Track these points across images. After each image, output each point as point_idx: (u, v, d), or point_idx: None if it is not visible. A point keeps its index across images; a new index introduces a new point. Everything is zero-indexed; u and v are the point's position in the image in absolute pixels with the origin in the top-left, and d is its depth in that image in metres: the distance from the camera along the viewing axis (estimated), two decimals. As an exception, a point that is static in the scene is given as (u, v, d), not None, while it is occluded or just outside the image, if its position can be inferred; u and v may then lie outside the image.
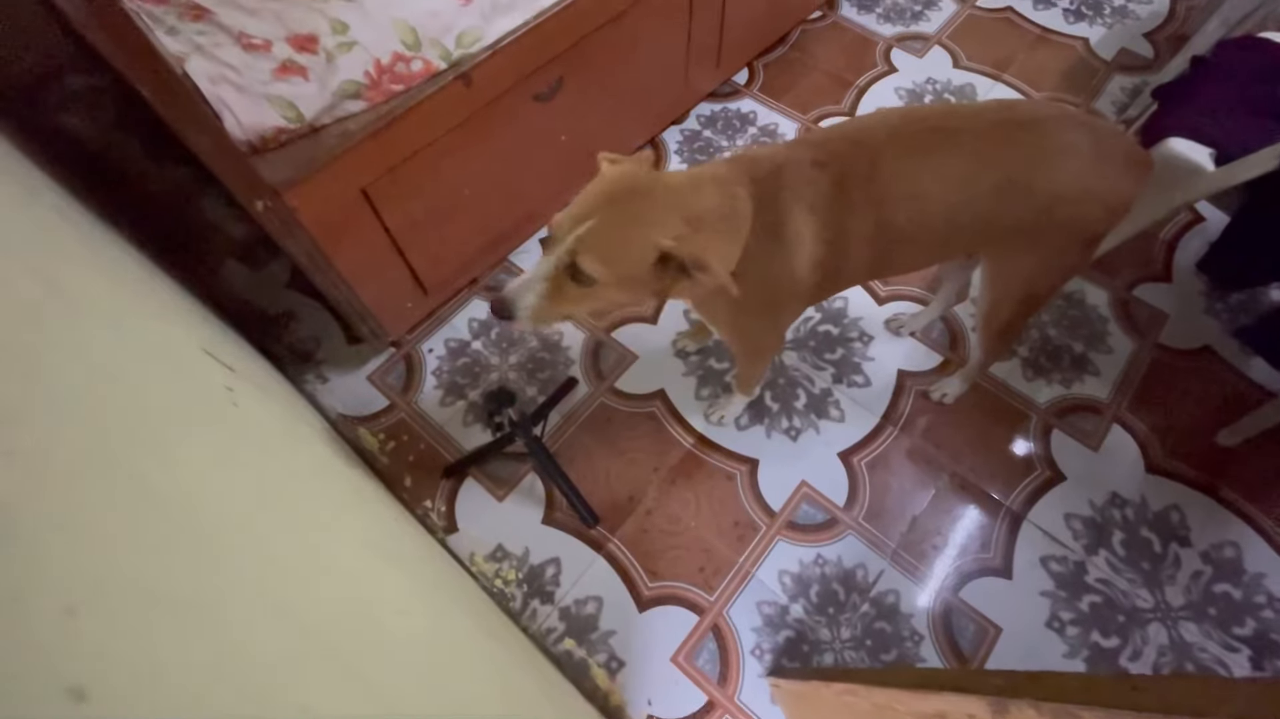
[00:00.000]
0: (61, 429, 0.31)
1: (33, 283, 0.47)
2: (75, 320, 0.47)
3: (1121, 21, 2.12)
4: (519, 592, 1.32)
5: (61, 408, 0.33)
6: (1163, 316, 1.58)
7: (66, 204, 0.84)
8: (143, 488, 0.34)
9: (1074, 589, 1.28)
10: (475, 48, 1.20)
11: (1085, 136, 0.92)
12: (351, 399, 1.54)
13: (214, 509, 0.41)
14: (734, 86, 2.02)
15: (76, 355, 0.39)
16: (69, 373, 0.37)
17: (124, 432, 0.37)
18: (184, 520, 0.36)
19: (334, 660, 0.39)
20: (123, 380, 0.44)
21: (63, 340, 0.40)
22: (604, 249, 0.82)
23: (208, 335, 0.98)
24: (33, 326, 0.38)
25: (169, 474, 0.38)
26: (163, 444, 0.41)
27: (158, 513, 0.34)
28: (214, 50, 1.05)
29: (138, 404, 0.43)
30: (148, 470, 0.36)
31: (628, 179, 0.86)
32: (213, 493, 0.43)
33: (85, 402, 0.36)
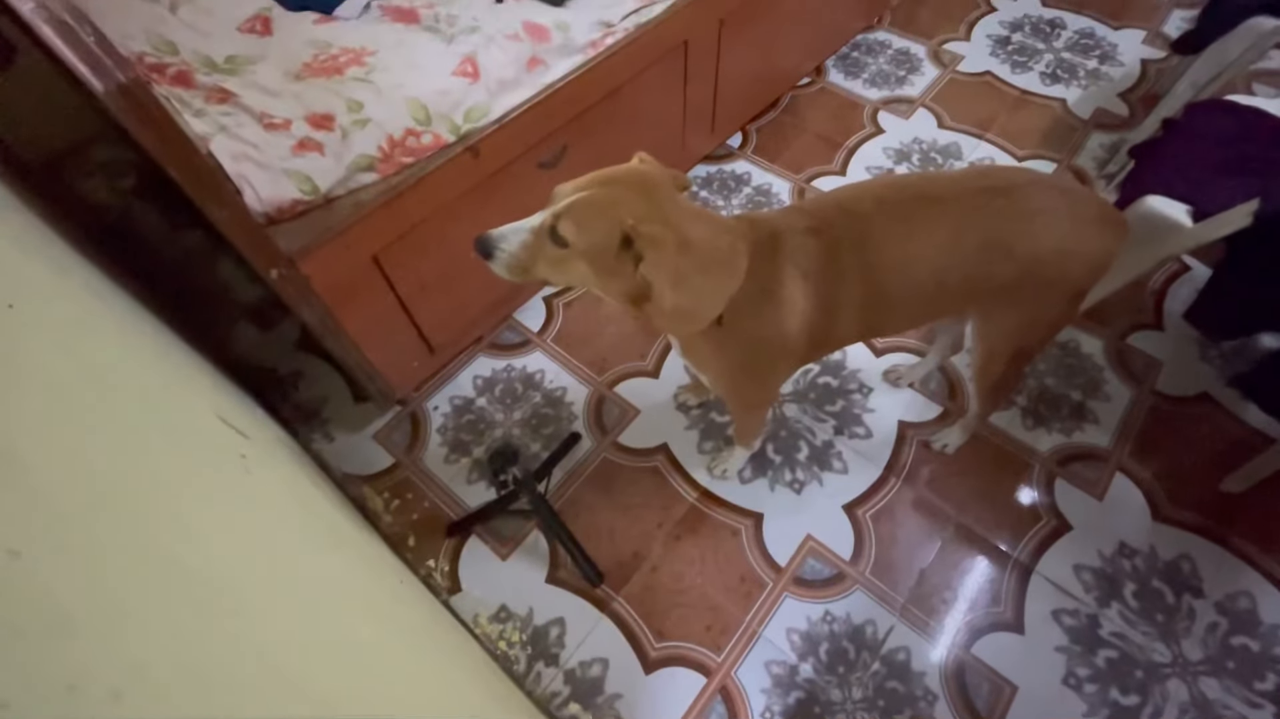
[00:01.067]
0: (101, 518, 0.33)
1: (66, 362, 0.50)
2: (108, 399, 0.49)
3: (1096, 83, 2.23)
4: (523, 654, 1.29)
5: (100, 495, 0.34)
6: (1158, 364, 1.61)
7: (94, 278, 0.88)
8: (175, 569, 0.36)
9: (1089, 643, 1.26)
10: (483, 122, 1.27)
11: (1059, 200, 0.96)
12: (357, 458, 1.55)
13: (239, 584, 0.42)
14: (729, 149, 2.11)
15: (111, 436, 0.42)
16: (104, 456, 0.39)
17: (155, 513, 0.39)
18: (211, 598, 0.37)
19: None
20: (150, 456, 0.46)
21: (98, 423, 0.42)
22: (582, 218, 0.85)
23: (221, 401, 1.01)
24: (71, 411, 0.40)
25: (197, 552, 0.39)
26: (190, 523, 0.43)
27: (189, 592, 0.35)
28: (237, 130, 1.12)
29: (165, 481, 0.45)
30: (179, 551, 0.37)
31: (640, 174, 0.90)
32: (236, 567, 0.44)
33: (119, 485, 0.38)
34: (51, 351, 0.48)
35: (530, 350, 1.70)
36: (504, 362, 1.68)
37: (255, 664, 0.36)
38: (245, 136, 1.11)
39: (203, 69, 1.20)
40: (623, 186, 0.87)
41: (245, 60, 1.23)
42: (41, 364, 0.45)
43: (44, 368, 0.44)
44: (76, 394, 0.43)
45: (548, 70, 1.33)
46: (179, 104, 1.13)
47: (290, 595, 0.50)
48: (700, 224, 0.91)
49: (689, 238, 0.87)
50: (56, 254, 0.87)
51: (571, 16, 1.36)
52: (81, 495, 0.32)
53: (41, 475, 0.31)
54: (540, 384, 1.64)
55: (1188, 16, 2.39)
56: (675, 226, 0.87)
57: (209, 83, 1.18)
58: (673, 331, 1.07)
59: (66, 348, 0.52)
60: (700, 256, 0.89)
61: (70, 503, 0.31)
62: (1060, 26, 2.43)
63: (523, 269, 0.92)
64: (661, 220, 0.86)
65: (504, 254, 0.90)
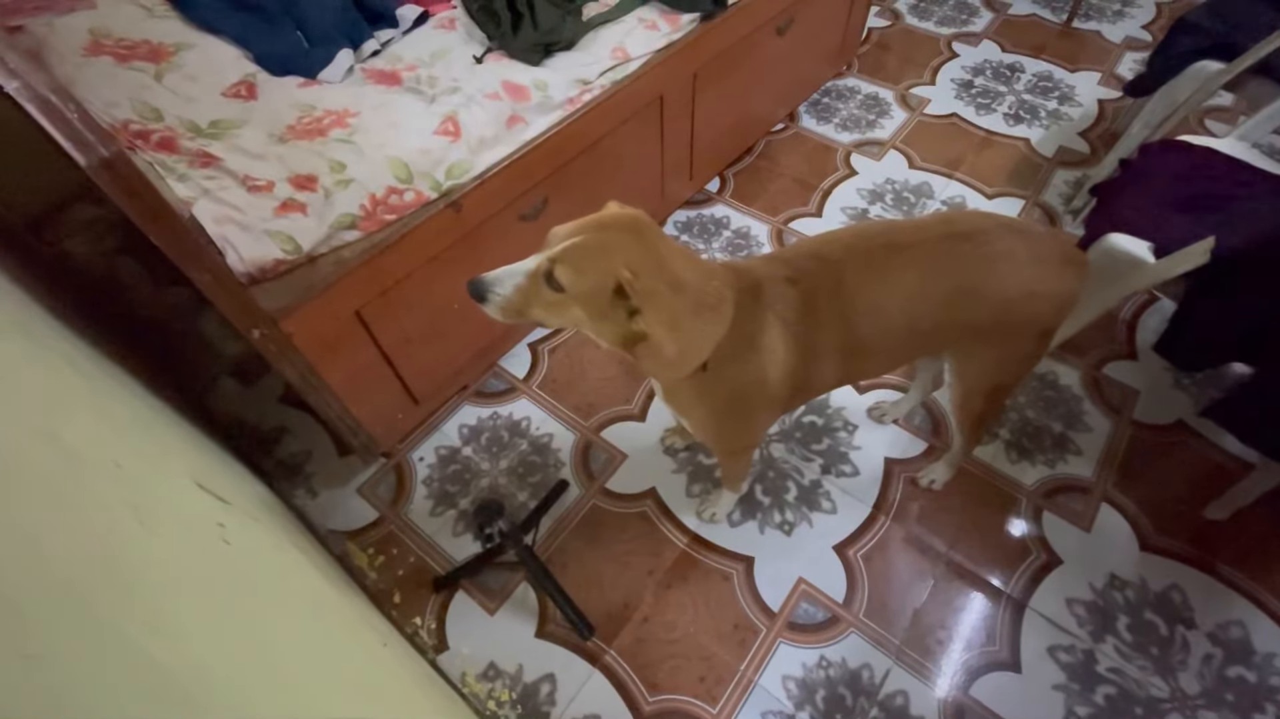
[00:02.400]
0: (71, 620, 0.32)
1: (40, 446, 0.49)
2: (77, 479, 0.48)
3: (1057, 123, 2.33)
4: (514, 713, 1.26)
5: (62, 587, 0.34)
6: (1134, 393, 1.63)
7: (72, 348, 0.88)
8: (153, 669, 0.35)
9: (1086, 681, 1.25)
10: (464, 178, 1.29)
11: (1021, 242, 1.00)
12: (341, 513, 1.52)
13: (208, 671, 0.41)
14: (707, 194, 2.16)
15: (77, 521, 0.41)
16: (67, 544, 0.38)
17: (128, 609, 0.38)
18: (178, 689, 0.36)
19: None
20: (121, 540, 0.45)
21: (67, 507, 0.41)
22: (578, 263, 0.86)
23: (200, 465, 0.99)
24: (34, 494, 0.40)
25: (171, 647, 0.39)
26: (163, 613, 0.42)
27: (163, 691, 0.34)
28: (220, 193, 1.13)
29: (136, 568, 0.44)
30: (155, 650, 0.36)
31: (631, 220, 0.90)
32: (206, 652, 0.43)
33: (84, 575, 0.37)
34: (18, 430, 0.48)
35: (516, 397, 1.70)
36: (490, 409, 1.68)
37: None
38: (228, 199, 1.13)
39: (187, 134, 1.22)
40: (617, 231, 0.89)
41: (230, 124, 1.25)
42: (13, 447, 0.45)
43: (9, 448, 0.44)
44: (43, 474, 0.43)
45: (527, 127, 1.37)
46: (163, 169, 1.14)
47: (269, 680, 0.49)
48: (691, 269, 0.92)
49: (682, 281, 0.89)
50: (33, 324, 0.86)
51: (549, 75, 1.41)
52: (39, 590, 0.32)
53: (7, 575, 0.30)
54: (526, 431, 1.64)
55: (1139, 59, 2.51)
56: (669, 271, 0.89)
57: (193, 147, 1.20)
58: (659, 376, 1.08)
59: (35, 427, 0.51)
60: (692, 301, 0.90)
61: (36, 608, 0.30)
62: (1020, 70, 2.54)
63: (516, 312, 0.92)
64: (656, 265, 0.87)
65: (498, 297, 0.91)
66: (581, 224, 0.90)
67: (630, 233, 0.89)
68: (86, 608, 0.35)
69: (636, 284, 0.85)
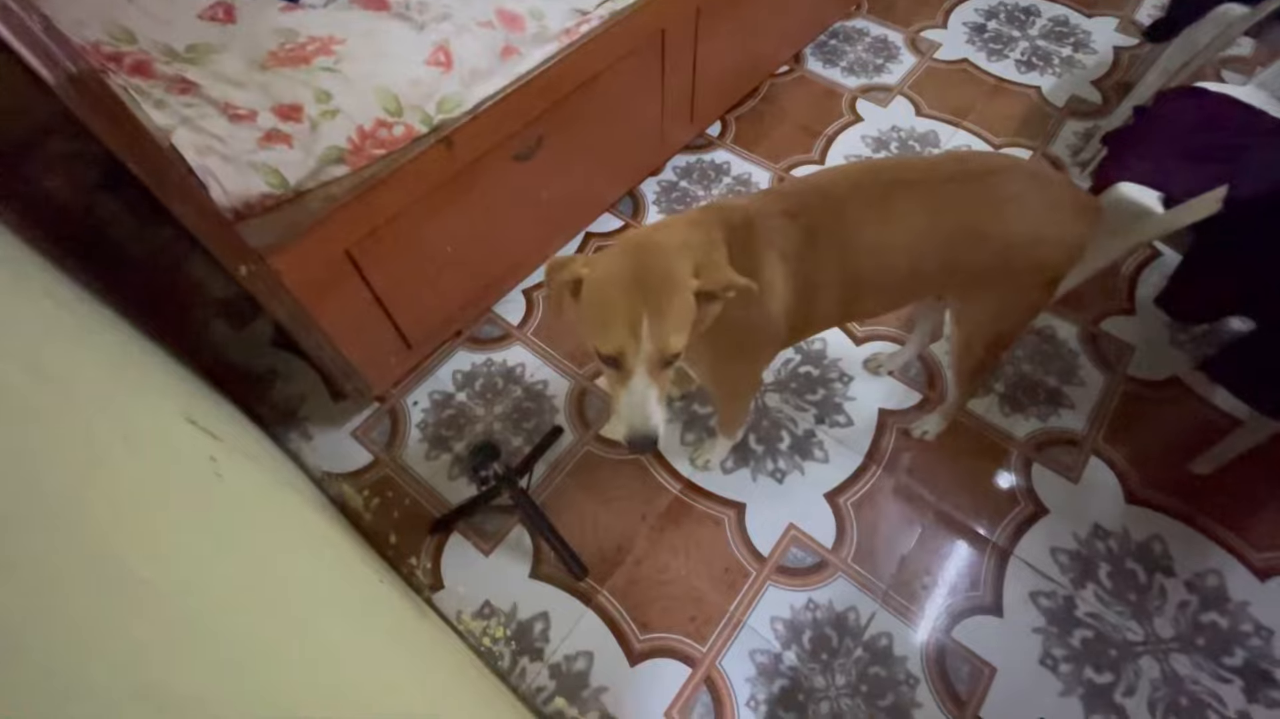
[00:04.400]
0: (57, 534, 0.31)
1: (22, 374, 0.48)
2: (65, 408, 0.47)
3: (1070, 71, 2.25)
4: (507, 649, 1.29)
5: (56, 509, 0.33)
6: (1130, 349, 1.63)
7: (55, 283, 0.85)
8: (139, 588, 0.34)
9: (1065, 624, 1.28)
10: (456, 112, 1.24)
11: (1034, 185, 0.97)
12: (336, 456, 1.52)
13: (206, 599, 0.41)
14: (708, 139, 2.09)
15: (67, 448, 0.40)
16: (61, 468, 0.37)
17: (117, 528, 0.38)
18: (179, 615, 0.36)
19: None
20: (111, 467, 0.44)
21: (55, 433, 0.40)
22: (673, 325, 0.82)
23: (192, 402, 0.98)
24: (24, 422, 0.39)
25: (162, 569, 0.38)
26: (153, 536, 0.41)
27: (155, 611, 0.34)
28: (200, 122, 1.08)
29: (128, 494, 0.43)
30: (141, 569, 0.36)
31: (625, 263, 0.84)
32: (203, 581, 0.43)
33: (78, 498, 0.36)
34: (6, 358, 0.46)
35: (510, 344, 1.69)
36: (484, 356, 1.67)
37: (231, 684, 0.35)
38: (209, 129, 1.08)
39: (163, 58, 1.16)
40: (648, 279, 0.82)
41: (207, 49, 1.19)
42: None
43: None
44: (30, 404, 0.41)
45: (522, 59, 1.31)
46: (138, 94, 1.09)
47: (264, 605, 0.49)
48: (682, 233, 0.91)
49: (694, 248, 0.88)
50: (14, 257, 0.83)
51: (545, 4, 1.34)
52: (30, 512, 0.31)
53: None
54: (521, 378, 1.63)
55: (1159, 4, 2.42)
56: (682, 240, 0.87)
57: (170, 72, 1.14)
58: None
59: (20, 357, 0.49)
60: (705, 249, 0.90)
61: (20, 518, 0.29)
62: (1035, 14, 2.44)
63: (663, 399, 0.88)
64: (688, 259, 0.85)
65: (659, 426, 0.85)
66: (622, 307, 0.81)
67: (650, 265, 0.84)
68: (73, 524, 0.34)
69: (708, 282, 0.84)
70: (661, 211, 1.93)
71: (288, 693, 0.43)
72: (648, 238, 0.90)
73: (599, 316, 0.83)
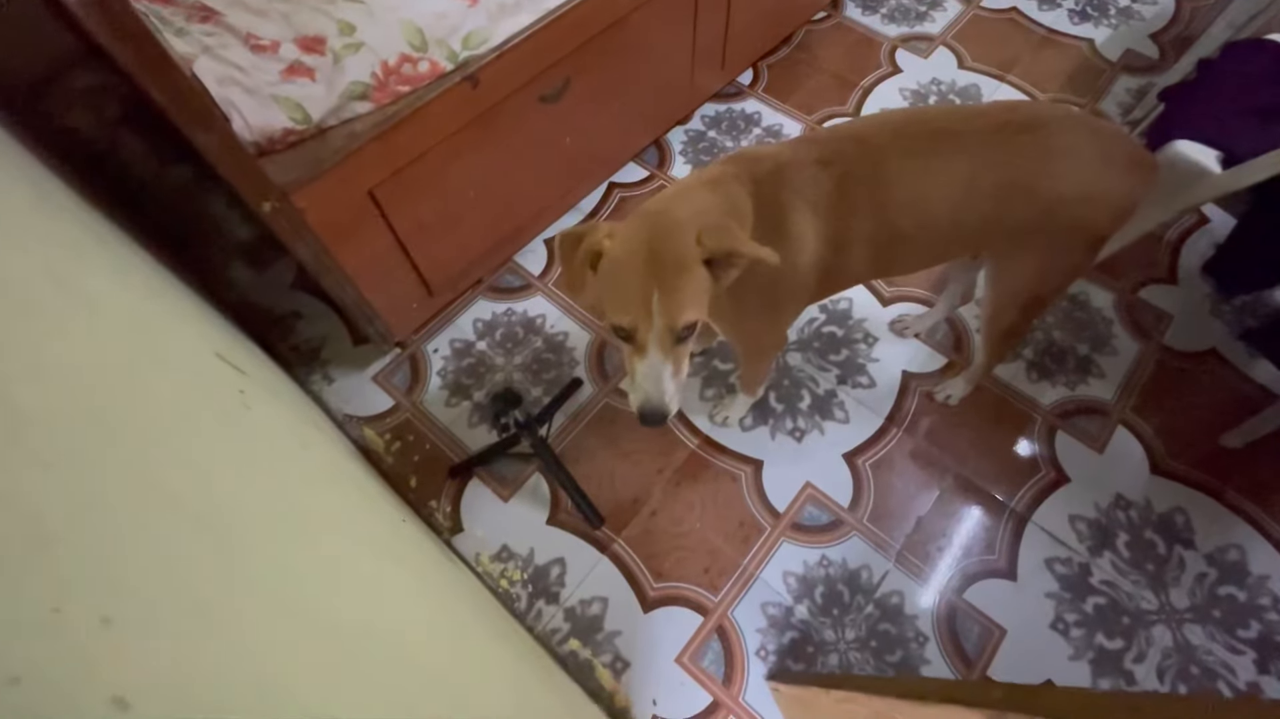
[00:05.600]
0: (88, 438, 0.31)
1: (49, 285, 0.47)
2: (93, 324, 0.47)
3: (1127, 23, 2.12)
4: (524, 592, 1.32)
5: (86, 415, 0.33)
6: (1168, 319, 1.58)
7: (76, 205, 0.85)
8: (170, 496, 0.34)
9: (1079, 591, 1.28)
10: (482, 49, 1.20)
11: (1088, 139, 0.92)
12: (357, 399, 1.54)
13: (233, 515, 0.41)
14: (738, 87, 2.02)
15: (100, 361, 0.40)
16: (92, 378, 0.37)
17: (149, 439, 0.38)
18: (205, 527, 0.36)
19: (351, 667, 0.39)
20: (144, 384, 0.44)
21: (86, 347, 0.40)
22: (684, 300, 0.81)
23: (218, 338, 0.99)
24: (54, 332, 0.38)
25: (194, 481, 0.38)
26: (186, 452, 0.42)
27: (182, 520, 0.34)
28: (222, 51, 1.06)
29: (159, 410, 0.43)
30: (174, 479, 0.36)
31: (640, 237, 0.83)
32: (232, 498, 0.43)
33: (110, 408, 0.36)
34: (33, 273, 0.45)
35: (531, 294, 1.67)
36: (504, 305, 1.66)
37: (254, 594, 0.35)
38: (231, 59, 1.05)
39: (183, -16, 1.13)
40: (659, 253, 0.81)
41: (228, -25, 1.15)
42: (22, 283, 0.43)
43: (25, 287, 0.42)
44: (61, 316, 0.41)
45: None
46: (159, 21, 1.06)
47: (290, 526, 0.49)
48: (698, 197, 0.88)
49: (707, 213, 0.86)
50: (39, 180, 0.83)
51: (576, -66, 1.27)
52: (67, 415, 0.31)
53: (22, 392, 0.29)
54: (541, 329, 1.62)
55: (1229, -49, 2.25)
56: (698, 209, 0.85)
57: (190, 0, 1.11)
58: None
59: (50, 271, 0.49)
60: (720, 213, 0.88)
61: (52, 419, 0.29)
62: (1093, -40, 2.29)
63: (680, 385, 0.88)
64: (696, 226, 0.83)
65: (672, 399, 0.86)
66: (634, 282, 0.81)
67: (662, 238, 0.82)
68: (111, 433, 0.34)
69: (711, 245, 0.81)
70: (688, 163, 1.87)
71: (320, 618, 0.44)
72: (663, 209, 0.87)
73: (613, 291, 0.84)
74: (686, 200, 0.88)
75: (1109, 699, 0.50)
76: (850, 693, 0.78)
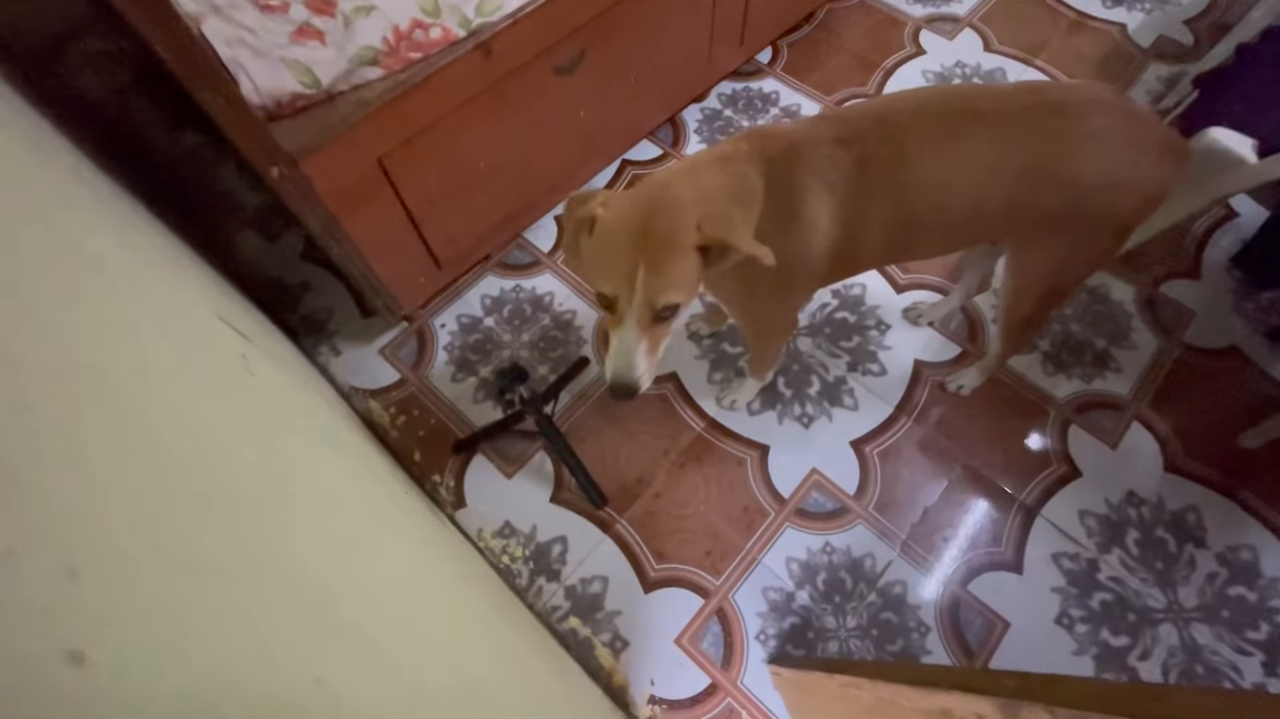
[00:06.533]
0: (72, 385, 0.30)
1: (45, 235, 0.46)
2: (94, 279, 0.46)
3: (1161, 7, 2.05)
4: (525, 568, 1.32)
5: (73, 363, 0.32)
6: (1189, 314, 1.54)
7: (82, 166, 0.84)
8: (154, 448, 0.33)
9: (1085, 586, 1.27)
10: (496, 16, 1.17)
11: (1119, 122, 0.88)
12: (364, 372, 1.54)
13: (229, 476, 0.40)
14: (757, 65, 1.97)
15: (95, 313, 0.39)
16: (85, 331, 0.36)
17: (141, 394, 0.36)
18: (196, 483, 0.35)
19: (347, 632, 0.38)
20: (140, 340, 0.43)
21: (81, 298, 0.39)
22: (671, 278, 0.80)
23: (222, 302, 0.98)
24: (47, 282, 0.37)
25: (183, 435, 0.37)
26: (182, 410, 0.41)
27: (170, 474, 0.33)
28: (231, 12, 1.04)
29: (155, 366, 0.42)
30: (160, 430, 0.35)
31: (636, 209, 0.82)
32: (228, 459, 0.42)
33: (102, 363, 0.35)
34: (27, 223, 0.44)
35: (540, 271, 1.66)
36: (513, 282, 1.64)
37: (245, 555, 0.34)
38: (240, 19, 1.03)
39: (192, -58, 1.10)
40: (652, 229, 0.79)
41: (238, -66, 1.12)
42: (15, 234, 0.42)
43: (16, 238, 0.41)
44: (53, 267, 0.40)
45: (567, -40, 1.22)
46: (167, -21, 1.04)
47: (288, 491, 0.48)
48: (706, 175, 0.86)
49: (711, 196, 0.84)
50: (42, 137, 0.82)
51: (595, -101, 1.23)
52: (45, 359, 0.29)
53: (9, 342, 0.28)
54: (549, 307, 1.61)
55: (1272, -65, 2.16)
56: (703, 200, 0.83)
57: (199, -42, 1.08)
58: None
59: (46, 222, 0.48)
60: (728, 205, 0.85)
61: (32, 362, 0.28)
62: (1129, -58, 2.21)
63: (655, 363, 0.88)
64: (696, 208, 0.81)
65: (643, 376, 0.86)
66: (621, 254, 0.80)
67: (658, 214, 0.80)
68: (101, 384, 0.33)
69: (707, 234, 0.79)
70: (703, 141, 1.84)
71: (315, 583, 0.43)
72: (665, 185, 0.85)
73: (601, 258, 0.83)
74: (693, 179, 0.86)
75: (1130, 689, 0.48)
76: (855, 679, 0.76)
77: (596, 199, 0.85)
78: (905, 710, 0.64)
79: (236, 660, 0.27)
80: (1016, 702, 0.45)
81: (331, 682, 0.32)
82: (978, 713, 0.50)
